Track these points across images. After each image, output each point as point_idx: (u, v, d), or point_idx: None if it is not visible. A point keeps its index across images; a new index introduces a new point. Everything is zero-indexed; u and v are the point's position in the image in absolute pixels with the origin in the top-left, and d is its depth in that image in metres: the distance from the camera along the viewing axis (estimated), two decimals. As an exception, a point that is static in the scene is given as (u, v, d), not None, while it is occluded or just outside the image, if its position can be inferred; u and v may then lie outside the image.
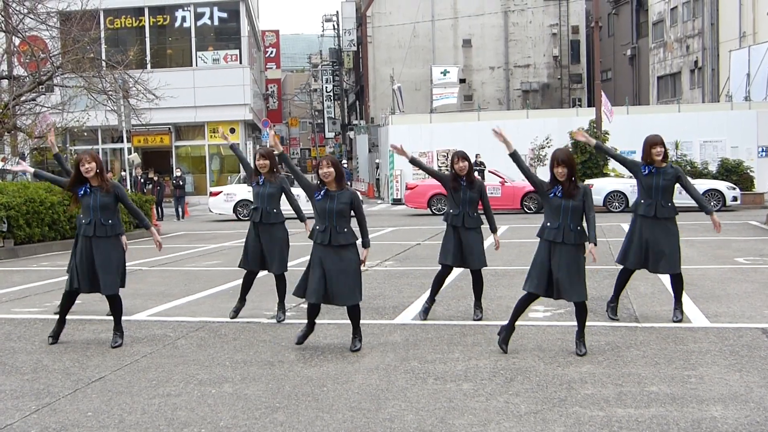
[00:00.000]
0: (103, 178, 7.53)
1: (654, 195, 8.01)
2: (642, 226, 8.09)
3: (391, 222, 24.21)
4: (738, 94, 37.37)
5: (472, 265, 8.46)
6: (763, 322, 8.03)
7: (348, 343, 7.34)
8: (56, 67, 22.09)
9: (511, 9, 53.18)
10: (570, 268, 6.73)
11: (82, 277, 7.54)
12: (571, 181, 6.73)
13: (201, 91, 37.72)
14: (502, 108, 51.61)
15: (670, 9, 48.92)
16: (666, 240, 7.99)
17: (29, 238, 17.09)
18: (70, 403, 5.76)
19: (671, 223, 8.05)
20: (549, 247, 6.85)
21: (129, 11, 38.95)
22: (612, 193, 25.30)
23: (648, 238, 8.04)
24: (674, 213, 8.08)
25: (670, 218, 8.04)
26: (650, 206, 8.03)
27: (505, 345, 7.00)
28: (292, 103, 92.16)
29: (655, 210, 8.00)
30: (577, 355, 6.76)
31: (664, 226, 8.02)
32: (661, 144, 8.01)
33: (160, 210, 29.03)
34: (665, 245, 7.98)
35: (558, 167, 6.71)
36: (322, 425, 5.16)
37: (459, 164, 8.28)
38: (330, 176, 6.97)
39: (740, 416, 5.13)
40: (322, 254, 7.00)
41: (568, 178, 6.71)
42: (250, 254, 8.75)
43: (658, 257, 8.00)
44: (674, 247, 8.00)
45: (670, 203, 8.03)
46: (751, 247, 14.46)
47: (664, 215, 8.00)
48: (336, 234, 6.95)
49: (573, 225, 6.74)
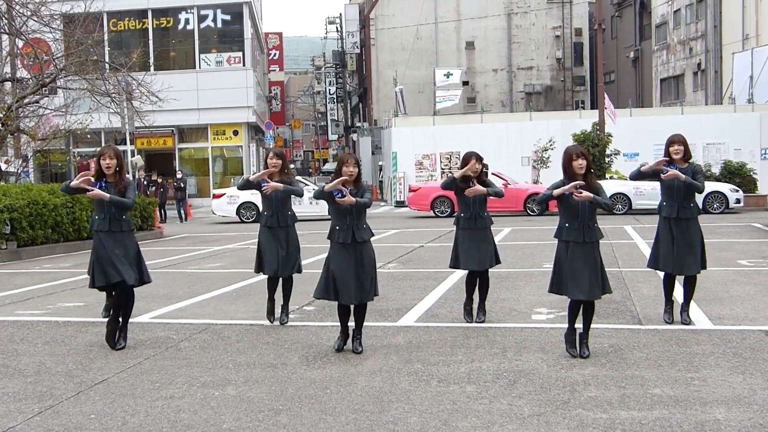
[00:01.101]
0: (121, 177, 7.56)
1: (675, 196, 8.03)
2: (667, 227, 8.13)
3: (395, 224, 24.20)
4: (741, 97, 37.32)
5: (481, 266, 8.47)
6: (766, 324, 8.01)
7: (350, 345, 7.32)
8: (59, 69, 22.14)
9: (514, 11, 53.16)
10: (595, 266, 6.75)
11: (105, 269, 7.53)
12: (591, 173, 6.74)
13: (204, 93, 37.76)
14: (505, 110, 51.57)
15: (673, 11, 48.89)
16: (688, 241, 8.01)
17: (32, 240, 17.11)
18: (73, 406, 5.76)
19: (694, 223, 8.07)
20: (567, 247, 6.82)
21: (132, 14, 39.01)
22: (615, 195, 25.27)
23: (674, 239, 8.06)
24: (696, 213, 8.11)
25: (693, 218, 8.06)
26: (672, 207, 8.06)
27: (573, 350, 6.90)
28: (295, 106, 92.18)
29: (678, 211, 8.02)
30: (580, 357, 6.75)
31: (688, 227, 8.03)
32: (680, 142, 8.00)
33: (164, 212, 29.06)
34: (687, 246, 8.00)
35: (577, 159, 6.72)
36: (325, 428, 5.16)
37: (474, 165, 8.27)
38: (353, 175, 7.09)
39: (743, 418, 5.13)
40: (345, 253, 7.02)
41: (588, 170, 6.72)
42: (269, 258, 8.60)
43: (684, 258, 8.01)
44: (696, 248, 8.02)
45: (692, 203, 8.05)
46: (755, 249, 14.44)
47: (686, 216, 8.03)
48: (357, 230, 7.06)
49: (591, 223, 6.79)
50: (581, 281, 6.71)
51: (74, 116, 23.54)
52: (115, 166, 7.52)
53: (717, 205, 24.71)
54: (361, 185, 7.18)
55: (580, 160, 6.71)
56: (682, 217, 8.03)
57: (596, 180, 6.82)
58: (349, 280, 6.98)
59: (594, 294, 6.75)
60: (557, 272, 6.92)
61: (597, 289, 6.75)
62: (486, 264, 8.40)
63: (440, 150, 35.40)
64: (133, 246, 7.73)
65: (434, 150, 35.52)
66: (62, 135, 24.47)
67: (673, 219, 8.07)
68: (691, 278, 8.15)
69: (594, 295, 6.76)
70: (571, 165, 6.75)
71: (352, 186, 7.08)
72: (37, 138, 22.87)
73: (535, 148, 31.07)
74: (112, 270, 7.48)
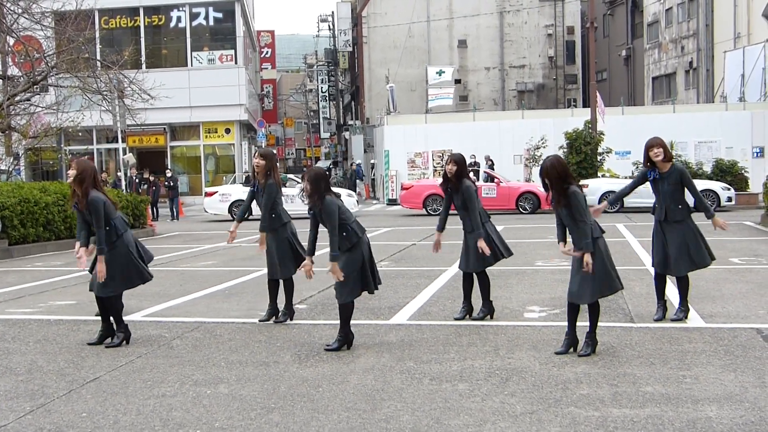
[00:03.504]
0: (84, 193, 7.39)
1: (663, 200, 8.05)
2: (658, 229, 8.20)
3: (387, 222, 24.20)
4: (733, 95, 37.44)
5: (473, 267, 8.47)
6: (758, 322, 8.04)
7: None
8: (51, 67, 22.05)
9: (506, 9, 53.20)
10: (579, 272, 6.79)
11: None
12: (556, 192, 6.75)
13: (196, 91, 37.65)
14: (498, 108, 51.63)
15: (665, 10, 48.97)
16: (679, 242, 8.01)
17: (24, 238, 17.05)
18: (64, 404, 5.74)
19: (684, 225, 8.05)
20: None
21: (124, 11, 38.83)
22: (607, 193, 25.27)
23: (665, 241, 8.10)
24: (687, 214, 8.08)
25: (683, 221, 8.05)
26: (661, 210, 8.11)
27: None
28: (287, 104, 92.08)
29: (666, 213, 8.05)
30: (578, 355, 6.76)
31: (677, 228, 8.04)
32: (658, 145, 8.00)
33: (155, 210, 28.98)
34: (677, 247, 8.01)
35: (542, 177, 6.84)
36: (318, 426, 5.15)
37: (447, 166, 8.27)
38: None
39: (735, 416, 5.14)
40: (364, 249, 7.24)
41: (552, 187, 6.76)
42: (267, 261, 8.62)
43: (673, 259, 8.04)
44: (687, 248, 8.01)
45: (680, 205, 8.04)
46: (746, 248, 14.49)
47: (675, 218, 8.03)
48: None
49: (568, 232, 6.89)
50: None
51: (66, 114, 23.42)
52: (75, 178, 7.38)
53: (709, 203, 24.73)
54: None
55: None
56: (671, 220, 8.06)
57: (565, 196, 6.75)
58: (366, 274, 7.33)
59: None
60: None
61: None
62: (471, 267, 8.41)
63: (432, 148, 35.41)
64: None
65: (426, 148, 35.54)
66: (53, 133, 24.36)
67: (663, 221, 8.11)
68: (683, 278, 8.17)
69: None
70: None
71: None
72: (29, 136, 22.77)
73: (527, 147, 31.12)
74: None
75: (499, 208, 25.69)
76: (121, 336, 7.63)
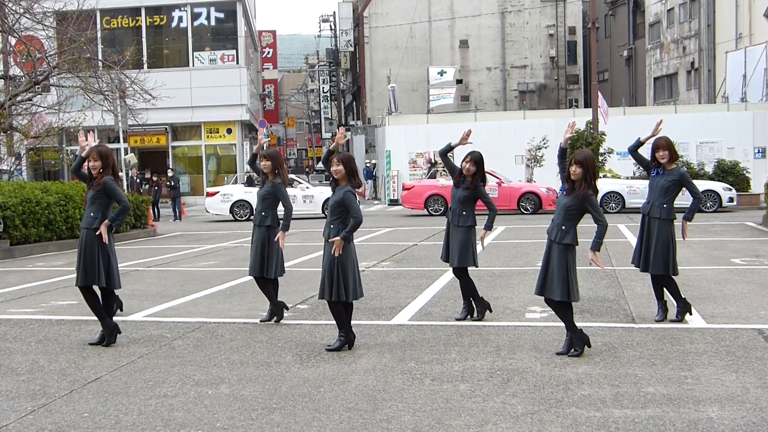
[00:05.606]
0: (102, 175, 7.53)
1: (652, 194, 8.07)
2: (642, 223, 8.23)
3: (388, 222, 24.21)
4: (734, 96, 37.40)
5: (451, 263, 8.51)
6: (759, 322, 8.03)
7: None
8: (52, 67, 22.05)
9: (507, 10, 53.20)
10: (558, 266, 6.78)
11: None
12: (581, 183, 6.73)
13: (198, 91, 37.68)
14: (499, 109, 51.63)
15: (666, 10, 48.96)
16: (652, 240, 8.02)
17: (25, 238, 17.05)
18: (66, 404, 5.75)
19: (660, 224, 8.03)
20: (548, 244, 6.91)
21: (125, 11, 38.88)
22: (609, 194, 25.30)
23: (642, 237, 8.12)
24: (669, 215, 8.04)
25: (664, 219, 8.03)
26: (648, 204, 8.14)
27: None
28: (288, 104, 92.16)
29: (650, 209, 8.06)
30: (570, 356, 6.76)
31: (653, 225, 8.05)
32: (665, 147, 8.02)
33: (157, 210, 28.98)
34: (649, 245, 8.05)
35: (572, 166, 6.78)
36: (319, 426, 5.15)
37: (465, 164, 8.30)
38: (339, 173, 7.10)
39: (737, 417, 5.14)
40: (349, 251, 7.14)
41: (582, 178, 6.73)
42: (251, 258, 8.61)
43: (646, 257, 8.06)
44: (658, 248, 7.98)
45: (666, 204, 8.03)
46: (748, 248, 14.47)
47: (655, 215, 8.03)
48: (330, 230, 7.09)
49: (561, 223, 6.83)
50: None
51: (67, 114, 23.44)
52: (99, 167, 7.48)
53: (710, 203, 24.74)
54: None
55: (574, 167, 6.75)
56: (652, 216, 8.08)
57: (585, 190, 6.78)
58: (356, 277, 7.24)
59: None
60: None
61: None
62: (452, 262, 8.44)
63: (434, 148, 35.30)
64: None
65: (428, 148, 35.48)
66: (55, 133, 24.36)
67: (646, 216, 8.14)
68: (658, 278, 8.15)
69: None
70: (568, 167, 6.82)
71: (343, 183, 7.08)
72: (30, 136, 22.77)
73: (528, 147, 31.09)
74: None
75: (501, 209, 25.55)
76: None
